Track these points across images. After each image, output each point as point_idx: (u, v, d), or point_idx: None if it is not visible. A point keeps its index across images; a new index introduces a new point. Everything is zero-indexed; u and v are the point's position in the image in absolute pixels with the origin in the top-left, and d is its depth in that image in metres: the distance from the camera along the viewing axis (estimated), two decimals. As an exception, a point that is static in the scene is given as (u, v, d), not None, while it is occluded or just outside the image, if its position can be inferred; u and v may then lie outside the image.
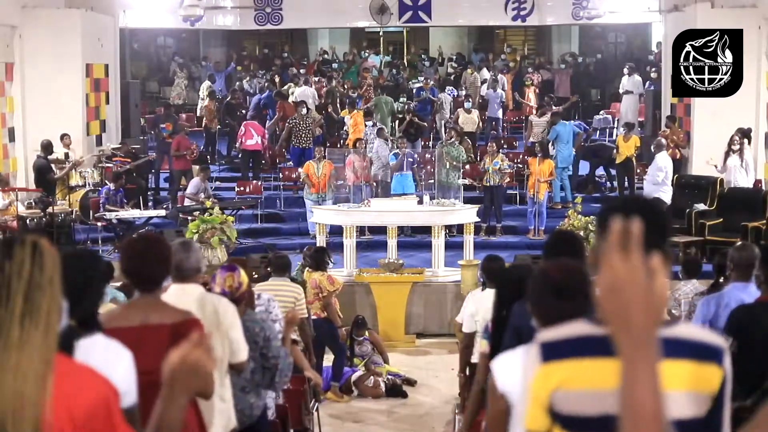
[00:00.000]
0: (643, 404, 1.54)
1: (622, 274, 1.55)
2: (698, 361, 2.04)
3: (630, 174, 15.24)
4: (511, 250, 12.98)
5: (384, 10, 18.89)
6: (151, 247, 3.71)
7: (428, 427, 8.49)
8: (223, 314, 4.32)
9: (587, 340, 2.04)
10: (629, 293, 1.55)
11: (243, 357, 4.41)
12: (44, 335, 1.78)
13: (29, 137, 14.69)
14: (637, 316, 1.55)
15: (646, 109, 18.32)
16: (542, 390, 2.07)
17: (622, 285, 1.56)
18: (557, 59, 25.28)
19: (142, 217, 13.56)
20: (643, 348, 1.56)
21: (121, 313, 3.75)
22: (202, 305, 4.27)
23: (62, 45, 14.75)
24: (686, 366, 2.03)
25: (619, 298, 1.56)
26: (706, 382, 2.04)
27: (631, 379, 1.55)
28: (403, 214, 12.67)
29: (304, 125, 16.33)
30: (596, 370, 2.00)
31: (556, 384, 2.04)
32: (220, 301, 4.45)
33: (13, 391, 1.71)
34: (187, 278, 4.34)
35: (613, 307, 1.57)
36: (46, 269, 1.84)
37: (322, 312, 9.10)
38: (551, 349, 2.07)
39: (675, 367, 2.02)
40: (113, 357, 2.83)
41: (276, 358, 4.83)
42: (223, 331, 4.29)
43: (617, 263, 1.56)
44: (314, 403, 7.19)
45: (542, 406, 2.09)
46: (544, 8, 19.08)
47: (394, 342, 10.83)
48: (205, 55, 25.12)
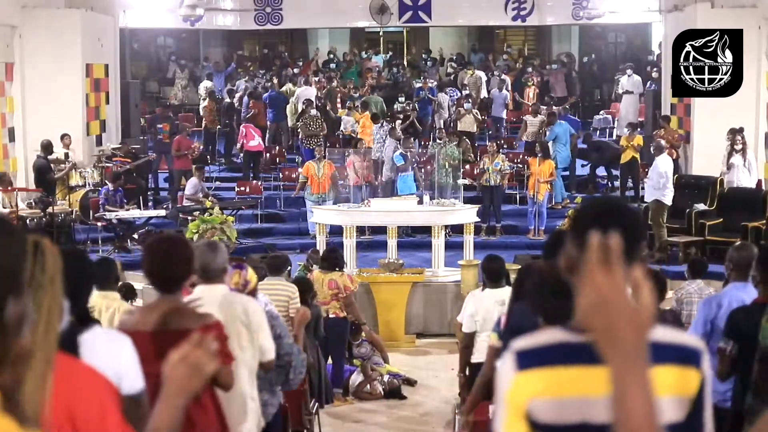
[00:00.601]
0: (637, 417, 1.52)
1: (606, 291, 1.54)
2: (678, 364, 2.03)
3: (635, 174, 15.22)
4: (511, 250, 12.98)
5: (384, 10, 18.90)
6: (174, 248, 3.70)
7: (428, 427, 8.49)
8: (253, 314, 4.33)
9: (563, 348, 2.01)
10: (615, 310, 1.54)
11: (271, 356, 4.43)
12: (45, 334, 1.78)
13: (29, 137, 14.69)
14: (624, 331, 1.53)
15: (646, 109, 18.32)
16: (519, 398, 2.04)
17: (606, 302, 1.54)
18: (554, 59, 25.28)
19: (142, 217, 13.57)
20: (633, 361, 1.54)
21: (141, 316, 3.73)
22: (230, 305, 4.27)
23: (62, 45, 14.75)
24: (667, 371, 2.01)
25: (605, 316, 1.54)
26: (685, 385, 2.02)
27: (622, 392, 1.54)
28: (403, 214, 12.67)
29: (314, 125, 16.29)
30: (573, 378, 1.98)
31: (532, 392, 2.01)
32: (249, 302, 4.47)
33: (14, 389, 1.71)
34: (213, 279, 4.33)
35: (599, 324, 1.55)
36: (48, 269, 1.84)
37: (341, 311, 9.12)
38: (526, 357, 2.04)
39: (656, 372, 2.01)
40: (116, 345, 2.93)
41: (288, 355, 4.82)
42: (253, 330, 4.30)
43: (600, 280, 1.55)
44: (314, 403, 7.19)
45: (520, 415, 2.06)
46: (544, 8, 19.10)
47: (394, 342, 10.83)
48: (205, 55, 25.11)
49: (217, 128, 18.55)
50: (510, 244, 13.87)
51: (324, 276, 9.20)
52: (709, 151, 13.85)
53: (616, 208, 2.10)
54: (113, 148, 15.51)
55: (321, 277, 9.20)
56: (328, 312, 8.99)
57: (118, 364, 2.83)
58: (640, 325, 1.55)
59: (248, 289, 4.82)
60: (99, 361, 2.39)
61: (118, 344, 2.93)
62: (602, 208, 2.11)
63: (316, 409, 7.25)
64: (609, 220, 1.96)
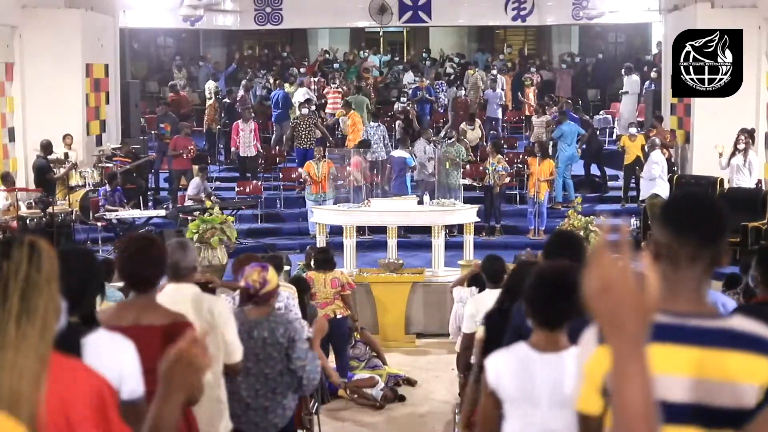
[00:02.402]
0: (634, 402, 1.54)
1: (612, 275, 1.56)
2: (754, 353, 2.07)
3: (638, 174, 15.19)
4: (511, 250, 12.93)
5: (384, 10, 18.91)
6: (145, 247, 3.71)
7: (428, 428, 8.48)
8: (218, 314, 4.28)
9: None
10: (619, 293, 1.55)
11: (238, 357, 4.36)
12: (41, 334, 1.78)
13: (29, 137, 14.70)
14: (627, 315, 1.55)
15: (646, 109, 18.32)
16: (597, 371, 2.09)
17: (611, 285, 1.56)
18: (557, 59, 25.28)
19: (142, 217, 13.57)
20: (634, 347, 1.56)
21: (115, 312, 3.74)
22: (197, 305, 4.25)
23: (62, 45, 14.75)
24: (743, 358, 2.06)
25: (609, 299, 1.56)
26: (760, 374, 2.07)
27: (622, 378, 1.55)
28: (403, 214, 12.66)
29: (305, 126, 16.27)
30: (653, 355, 2.03)
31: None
32: (215, 301, 4.44)
33: (9, 389, 1.72)
34: (182, 277, 4.32)
35: (603, 308, 1.57)
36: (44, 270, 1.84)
37: (345, 310, 9.11)
38: None
39: (729, 357, 2.06)
40: (121, 349, 2.92)
41: (300, 360, 4.72)
42: (218, 331, 4.25)
43: (606, 263, 1.56)
44: (314, 403, 7.18)
45: (596, 388, 2.12)
46: (544, 8, 19.10)
47: (394, 342, 10.83)
48: (205, 55, 25.12)
49: (218, 128, 18.56)
50: (510, 244, 13.85)
51: (324, 275, 9.18)
52: (709, 151, 13.84)
53: (709, 202, 2.21)
54: (113, 148, 15.51)
55: (321, 277, 9.17)
56: (335, 312, 8.98)
57: (121, 368, 2.82)
58: (642, 310, 1.56)
59: (266, 289, 4.71)
60: (102, 364, 2.38)
61: (122, 348, 2.92)
62: (695, 201, 2.20)
63: (317, 409, 7.25)
64: (700, 214, 2.13)
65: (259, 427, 4.74)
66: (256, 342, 4.66)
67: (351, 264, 11.97)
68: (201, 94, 21.87)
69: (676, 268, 2.15)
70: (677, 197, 2.30)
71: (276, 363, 4.72)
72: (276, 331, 4.71)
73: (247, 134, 16.27)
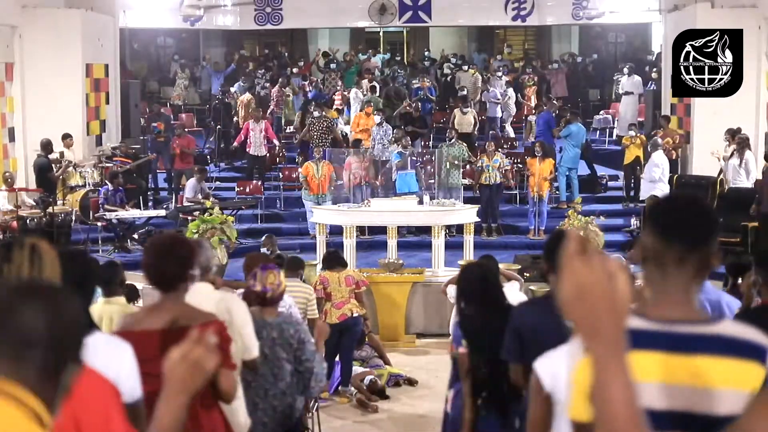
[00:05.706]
0: (617, 405, 1.53)
1: (585, 279, 1.54)
2: (741, 358, 2.06)
3: (638, 174, 15.19)
4: (511, 250, 12.98)
5: (384, 10, 18.90)
6: (171, 246, 3.67)
7: (428, 428, 8.48)
8: (236, 312, 4.33)
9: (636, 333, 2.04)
10: (594, 297, 1.54)
11: (255, 353, 4.41)
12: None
13: (29, 137, 14.70)
14: (604, 318, 1.54)
15: (646, 109, 18.32)
16: (584, 378, 2.09)
17: (585, 289, 1.54)
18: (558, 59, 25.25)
19: (142, 217, 13.56)
20: (614, 350, 1.54)
21: (146, 315, 3.69)
22: (215, 303, 4.27)
23: (62, 45, 14.75)
24: (728, 363, 2.05)
25: (584, 303, 1.54)
26: (747, 379, 2.05)
27: (603, 382, 1.54)
28: (403, 214, 12.66)
29: (319, 127, 16.13)
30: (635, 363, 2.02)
31: None
32: (232, 299, 4.47)
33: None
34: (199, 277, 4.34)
35: (579, 313, 1.55)
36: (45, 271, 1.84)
37: (360, 309, 9.11)
38: None
39: (718, 364, 2.05)
40: (118, 352, 2.89)
41: (309, 361, 4.80)
42: (236, 329, 4.29)
43: (578, 268, 1.55)
44: (314, 402, 7.19)
45: (586, 396, 2.11)
46: (544, 8, 19.10)
47: (394, 342, 10.82)
48: (205, 55, 25.11)
49: (218, 128, 18.53)
50: (510, 244, 13.87)
51: (338, 275, 9.15)
52: (709, 151, 13.85)
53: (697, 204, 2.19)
54: (113, 148, 15.51)
55: (336, 276, 9.13)
56: (351, 311, 8.97)
57: (119, 371, 2.78)
58: (618, 311, 1.55)
59: (280, 290, 4.84)
60: (99, 367, 2.37)
61: (120, 351, 2.89)
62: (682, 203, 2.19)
63: (316, 409, 7.25)
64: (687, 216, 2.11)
65: (267, 428, 4.77)
66: (264, 342, 4.70)
67: (351, 264, 11.94)
68: (203, 94, 21.87)
69: (664, 273, 2.12)
70: (665, 199, 2.28)
71: (284, 363, 4.75)
72: (286, 331, 4.76)
73: (258, 134, 16.26)
